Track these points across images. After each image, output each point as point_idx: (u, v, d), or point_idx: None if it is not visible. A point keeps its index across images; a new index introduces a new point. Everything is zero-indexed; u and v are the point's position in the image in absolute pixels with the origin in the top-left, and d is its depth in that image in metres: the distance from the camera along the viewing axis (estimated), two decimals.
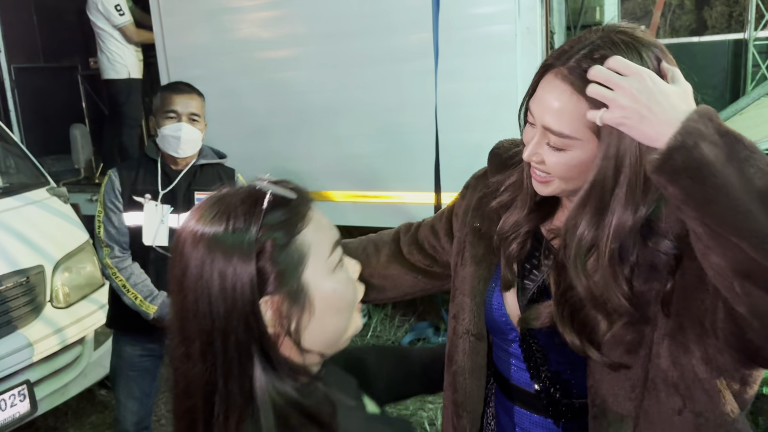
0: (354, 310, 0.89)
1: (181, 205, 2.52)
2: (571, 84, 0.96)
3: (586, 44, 0.96)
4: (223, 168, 2.68)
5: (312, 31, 4.07)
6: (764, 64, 7.44)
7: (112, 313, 2.65)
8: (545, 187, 1.06)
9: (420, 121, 3.66)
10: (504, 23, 3.51)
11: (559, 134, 0.98)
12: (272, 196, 0.82)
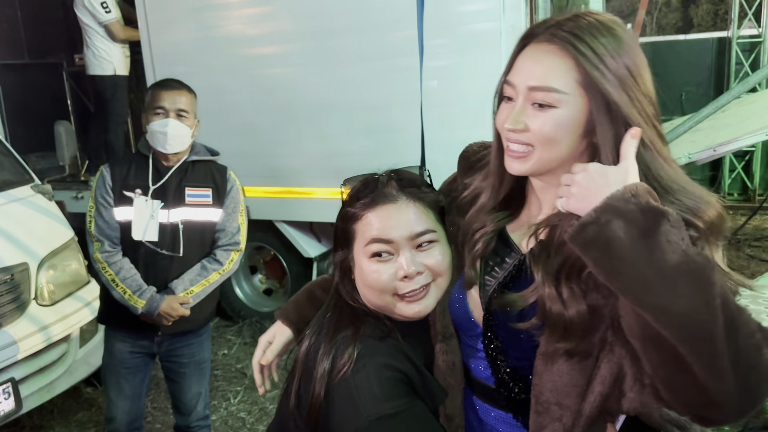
0: (387, 295, 1.15)
1: (172, 200, 2.53)
2: (556, 43, 1.00)
3: (563, 15, 1.03)
4: (215, 165, 2.68)
5: (298, 28, 4.07)
6: (747, 62, 7.51)
7: (103, 309, 2.66)
8: (522, 164, 1.06)
9: (406, 119, 3.66)
10: (489, 21, 3.53)
11: (548, 89, 1.00)
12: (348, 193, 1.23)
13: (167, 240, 2.53)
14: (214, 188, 2.60)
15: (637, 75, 1.00)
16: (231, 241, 2.64)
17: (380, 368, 1.09)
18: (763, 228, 6.79)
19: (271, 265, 5.03)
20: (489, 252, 1.18)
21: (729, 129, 3.68)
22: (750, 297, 2.98)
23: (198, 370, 2.72)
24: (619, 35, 1.01)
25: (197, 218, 2.57)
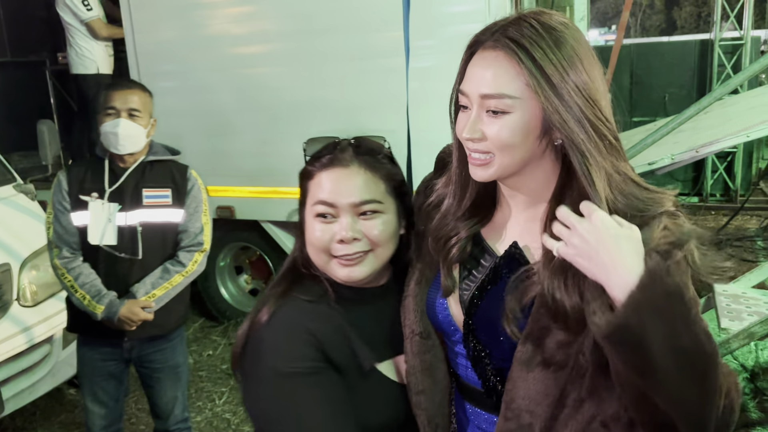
0: (324, 254, 1.18)
1: (129, 203, 2.48)
2: (501, 49, 1.00)
3: (508, 19, 1.03)
4: (175, 164, 2.61)
5: (283, 27, 4.06)
6: (729, 64, 7.60)
7: (70, 317, 2.60)
8: (485, 170, 1.06)
9: (392, 119, 3.66)
10: (474, 22, 3.53)
11: (500, 95, 1.00)
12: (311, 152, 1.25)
13: (126, 243, 2.47)
14: (173, 188, 2.54)
15: (585, 78, 0.99)
16: (194, 242, 2.57)
17: (291, 326, 1.14)
18: (745, 228, 6.87)
19: (257, 265, 5.02)
20: (465, 257, 1.18)
21: (711, 130, 3.71)
22: (731, 297, 3.02)
23: (172, 375, 2.67)
24: (563, 35, 1.00)
25: (156, 220, 2.51)
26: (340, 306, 1.21)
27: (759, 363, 3.90)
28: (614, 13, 37.16)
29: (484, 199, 1.19)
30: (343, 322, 1.19)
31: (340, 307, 1.20)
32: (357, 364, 1.17)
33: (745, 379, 3.74)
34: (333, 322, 1.18)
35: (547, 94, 0.97)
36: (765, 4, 17.68)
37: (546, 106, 0.98)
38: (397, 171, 1.27)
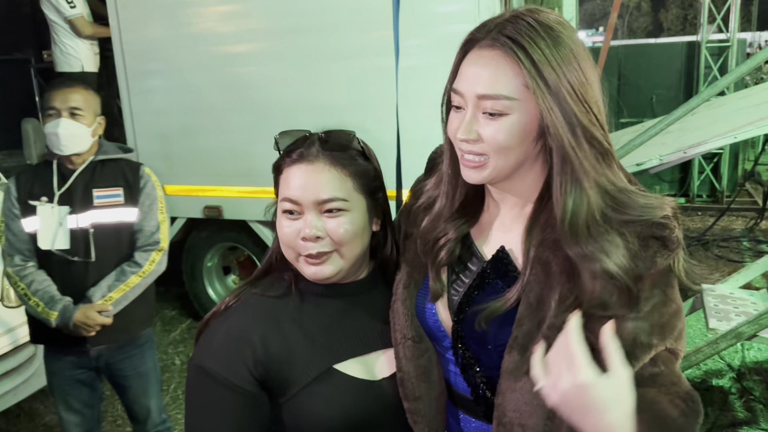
0: (292, 251, 1.17)
1: (79, 205, 2.40)
2: (499, 48, 0.97)
3: (504, 17, 1.00)
4: (127, 163, 2.53)
5: (272, 26, 4.04)
6: (716, 66, 7.65)
7: (32, 328, 2.52)
8: (479, 173, 1.03)
9: (381, 119, 3.66)
10: (464, 23, 3.54)
11: (498, 96, 0.97)
12: (283, 146, 1.23)
13: (79, 246, 2.39)
14: (125, 187, 2.46)
15: (582, 79, 0.97)
16: (150, 241, 2.50)
17: (231, 328, 1.16)
18: (731, 229, 6.92)
19: (245, 265, 4.99)
20: (454, 260, 1.16)
21: (699, 131, 3.73)
22: (719, 297, 3.04)
23: (143, 381, 2.61)
24: (560, 35, 0.97)
25: (109, 220, 2.43)
26: (309, 301, 1.21)
27: (745, 363, 3.93)
28: (602, 15, 37.40)
29: (473, 199, 1.17)
30: (302, 324, 1.18)
31: (307, 303, 1.20)
32: (304, 368, 1.15)
33: (731, 378, 3.77)
34: (284, 323, 1.17)
35: (544, 96, 0.95)
36: (750, 8, 17.89)
37: (543, 108, 0.95)
38: (368, 166, 1.23)
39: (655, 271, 0.95)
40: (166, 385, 4.06)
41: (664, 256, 0.95)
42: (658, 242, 0.95)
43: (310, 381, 1.14)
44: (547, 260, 1.02)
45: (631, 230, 0.95)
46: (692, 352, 2.62)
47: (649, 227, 0.95)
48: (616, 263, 0.93)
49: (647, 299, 0.96)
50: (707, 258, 6.05)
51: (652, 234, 0.95)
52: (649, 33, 38.54)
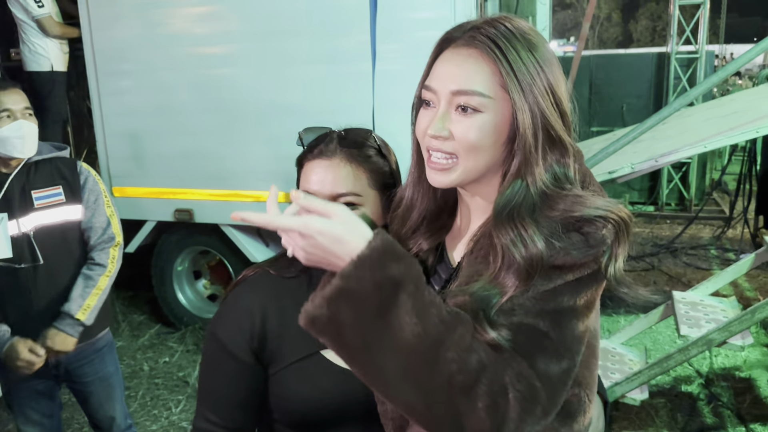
0: None
1: (18, 209, 2.27)
2: (477, 47, 0.98)
3: (479, 20, 1.01)
4: (62, 160, 2.41)
5: (248, 28, 4.01)
6: (684, 77, 7.79)
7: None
8: (447, 176, 1.02)
9: (357, 123, 3.65)
10: (440, 29, 3.54)
11: (472, 92, 0.97)
12: (306, 141, 1.30)
13: (25, 252, 2.27)
14: (64, 184, 2.35)
15: (552, 80, 0.99)
16: (104, 237, 2.41)
17: (238, 300, 1.28)
18: (699, 237, 7.04)
19: (216, 269, 4.92)
20: (429, 270, 1.15)
21: (669, 141, 3.79)
22: (690, 304, 3.08)
23: (105, 386, 2.53)
24: (535, 41, 0.99)
25: (53, 221, 2.32)
26: (316, 286, 1.23)
27: (713, 369, 3.99)
28: (573, 25, 37.95)
29: (444, 207, 1.16)
30: (297, 304, 1.20)
31: (314, 287, 1.21)
32: (293, 347, 1.24)
33: (700, 384, 3.82)
34: (285, 302, 1.26)
35: (519, 96, 0.96)
36: (718, 21, 18.35)
37: (516, 108, 0.96)
38: (383, 164, 1.28)
39: (571, 264, 0.93)
40: (134, 391, 3.98)
41: (581, 251, 0.93)
42: (580, 236, 0.94)
43: (295, 360, 1.23)
44: (480, 249, 1.03)
45: (558, 223, 0.95)
46: (663, 359, 2.65)
47: (577, 221, 0.95)
48: (534, 249, 0.93)
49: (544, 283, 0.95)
50: (676, 265, 6.14)
51: (577, 228, 0.94)
52: (619, 43, 39.25)
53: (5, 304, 2.30)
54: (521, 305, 0.94)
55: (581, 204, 0.97)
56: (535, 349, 0.92)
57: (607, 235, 0.94)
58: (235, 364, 1.25)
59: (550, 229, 0.95)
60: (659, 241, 6.89)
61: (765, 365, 4.04)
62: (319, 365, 1.23)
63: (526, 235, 0.94)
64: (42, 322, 2.29)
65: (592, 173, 1.09)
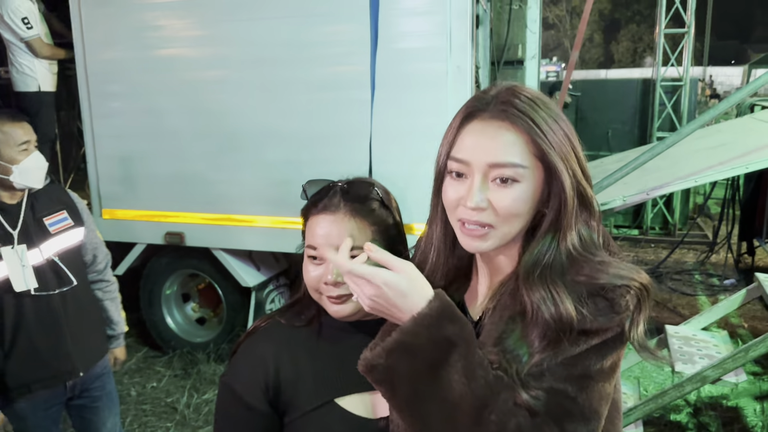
0: (316, 292, 1.28)
1: (36, 238, 2.30)
2: (506, 119, 1.01)
3: (499, 90, 1.05)
4: (54, 187, 2.47)
5: (242, 54, 4.01)
6: (669, 103, 7.92)
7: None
8: (482, 242, 1.04)
9: (352, 151, 3.67)
10: (436, 61, 3.59)
11: (512, 164, 1.00)
12: (310, 194, 1.32)
13: (51, 278, 2.33)
14: (66, 208, 2.43)
15: (575, 142, 1.04)
16: (105, 254, 2.64)
17: (253, 351, 1.30)
18: (683, 261, 7.12)
19: (205, 293, 4.89)
20: None
21: (659, 172, 3.84)
22: (683, 339, 3.11)
23: (109, 402, 2.63)
24: (553, 107, 1.04)
25: (70, 243, 2.42)
26: (327, 334, 1.31)
27: (701, 398, 4.02)
28: (555, 45, 38.49)
29: (463, 262, 1.19)
30: (310, 353, 1.28)
31: (326, 336, 1.30)
32: (308, 396, 1.25)
33: (688, 414, 3.86)
34: (298, 351, 1.28)
35: (557, 160, 1.00)
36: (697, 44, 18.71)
37: (557, 171, 1.00)
38: (387, 216, 1.31)
39: (597, 329, 0.97)
40: (122, 417, 3.92)
41: (608, 317, 0.97)
42: (605, 302, 0.98)
43: (310, 409, 1.24)
44: (504, 306, 1.06)
45: (584, 288, 0.99)
46: (658, 395, 2.67)
47: (601, 288, 0.99)
48: (564, 310, 0.97)
49: (573, 347, 0.99)
50: (661, 290, 6.20)
51: (602, 294, 0.98)
52: (600, 64, 39.83)
53: (37, 334, 2.31)
54: (551, 369, 0.97)
55: (605, 272, 1.00)
56: (564, 414, 0.97)
57: (630, 301, 0.98)
58: (251, 414, 1.25)
59: (576, 293, 0.99)
60: (644, 266, 6.95)
61: (752, 394, 4.09)
62: (335, 414, 1.24)
63: (556, 296, 0.98)
64: (75, 342, 2.40)
65: (608, 233, 1.13)
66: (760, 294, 3.34)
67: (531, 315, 1.00)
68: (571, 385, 0.97)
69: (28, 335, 2.30)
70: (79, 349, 2.42)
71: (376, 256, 0.99)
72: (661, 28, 7.99)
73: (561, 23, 37.47)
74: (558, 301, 0.97)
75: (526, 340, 1.00)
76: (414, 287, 0.96)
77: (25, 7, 4.54)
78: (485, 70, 4.56)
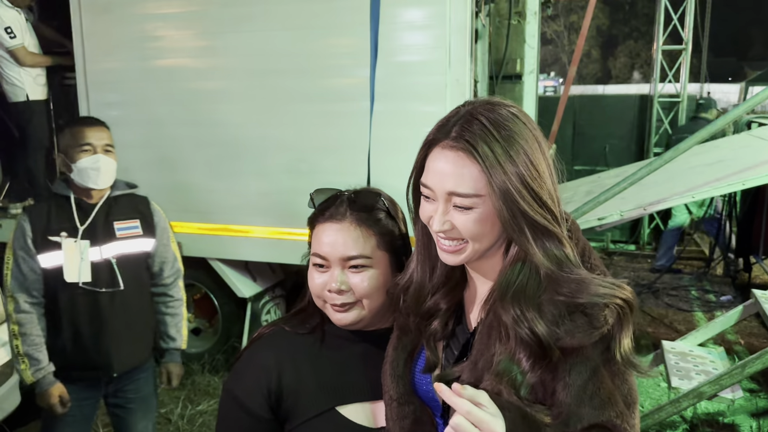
0: (320, 300, 1.30)
1: (101, 238, 2.48)
2: (461, 150, 1.03)
3: (461, 115, 1.06)
4: (136, 197, 2.68)
5: (241, 66, 4.03)
6: (666, 119, 7.97)
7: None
8: (457, 256, 1.09)
9: (351, 162, 3.68)
10: (435, 74, 3.60)
11: (465, 195, 1.03)
12: (318, 202, 1.35)
13: (104, 277, 2.48)
14: (141, 218, 2.61)
15: (536, 164, 1.03)
16: (174, 271, 2.72)
17: (256, 358, 1.31)
18: (680, 277, 7.13)
19: (201, 303, 4.87)
20: (448, 333, 1.20)
21: (656, 188, 3.86)
22: (679, 355, 3.11)
23: (144, 405, 2.72)
24: (512, 134, 1.03)
25: (131, 251, 2.56)
26: (331, 342, 1.32)
27: (698, 415, 4.01)
28: (553, 60, 38.70)
29: (454, 269, 1.21)
30: (312, 361, 1.29)
31: (329, 344, 1.32)
32: (309, 403, 1.25)
33: (684, 430, 3.84)
34: (300, 358, 1.29)
35: (496, 199, 1.02)
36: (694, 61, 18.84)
37: (495, 209, 1.03)
38: (392, 226, 1.33)
39: (578, 345, 1.00)
40: None
41: (586, 333, 0.99)
42: (584, 318, 1.00)
43: (311, 417, 1.24)
44: (490, 324, 1.09)
45: (563, 306, 1.02)
46: (655, 410, 2.67)
47: (581, 305, 1.01)
48: (537, 329, 1.00)
49: (579, 372, 1.02)
50: (658, 306, 6.20)
51: (581, 310, 1.01)
52: (598, 79, 40.03)
53: (81, 325, 2.47)
54: (579, 415, 1.02)
55: (585, 290, 1.02)
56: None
57: (610, 316, 1.01)
58: (252, 421, 1.26)
59: (554, 312, 1.02)
60: (641, 281, 6.97)
61: (749, 411, 4.08)
62: (335, 421, 1.24)
63: (529, 316, 1.02)
64: (114, 342, 2.51)
65: (590, 245, 1.15)
66: (756, 310, 3.34)
67: (513, 335, 1.03)
68: (610, 410, 1.01)
69: (74, 324, 2.46)
70: (117, 350, 2.52)
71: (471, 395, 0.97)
72: (659, 44, 8.05)
73: (559, 38, 37.67)
74: (530, 321, 1.01)
75: (515, 360, 1.03)
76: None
77: (9, 17, 4.54)
78: (483, 83, 4.59)
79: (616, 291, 1.02)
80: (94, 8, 4.27)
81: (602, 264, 1.13)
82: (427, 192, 1.09)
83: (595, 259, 1.12)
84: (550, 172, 1.07)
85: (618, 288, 1.03)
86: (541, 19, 6.01)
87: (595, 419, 1.01)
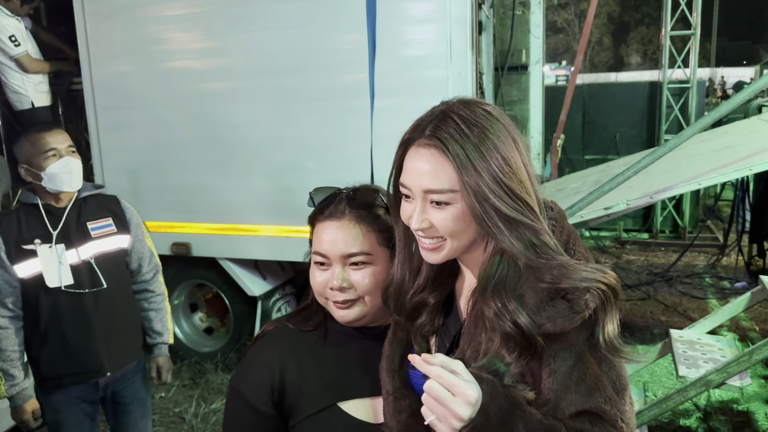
0: (322, 297, 1.31)
1: (76, 239, 2.47)
2: (434, 147, 1.05)
3: (435, 114, 1.08)
4: (104, 196, 2.66)
5: (247, 65, 4.04)
6: (677, 106, 7.88)
7: (37, 371, 2.53)
8: (437, 254, 1.11)
9: (357, 158, 3.68)
10: (437, 68, 3.60)
11: (440, 191, 1.05)
12: (317, 201, 1.36)
13: (86, 278, 2.48)
14: (113, 216, 2.60)
15: (509, 159, 1.05)
16: (152, 266, 2.73)
17: (260, 356, 1.33)
18: (694, 265, 7.07)
19: (213, 303, 4.91)
20: (438, 327, 1.21)
21: (664, 176, 3.83)
22: (687, 343, 3.09)
23: (141, 406, 2.73)
24: (485, 132, 1.04)
25: (108, 249, 2.56)
26: (333, 339, 1.34)
27: (711, 403, 3.99)
28: (564, 49, 38.38)
29: (446, 263, 1.20)
30: (315, 357, 1.31)
31: (331, 341, 1.33)
32: (311, 399, 1.27)
33: (698, 419, 3.82)
34: (303, 355, 1.31)
35: (468, 196, 1.03)
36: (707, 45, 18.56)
37: (468, 206, 1.04)
38: (391, 221, 1.32)
39: (561, 331, 1.01)
40: None
41: (568, 318, 1.00)
42: (565, 303, 1.01)
43: (313, 412, 1.26)
44: (477, 314, 1.11)
45: (546, 292, 1.03)
46: (662, 399, 2.65)
47: (563, 290, 1.02)
48: (519, 320, 1.02)
49: (564, 359, 1.03)
50: (671, 294, 6.16)
51: (562, 295, 1.02)
52: (610, 67, 39.67)
53: (69, 328, 2.46)
54: (567, 401, 1.03)
55: (567, 276, 1.03)
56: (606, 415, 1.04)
57: (591, 300, 1.01)
58: (257, 417, 1.28)
59: (536, 299, 1.03)
60: (654, 269, 6.92)
61: (763, 398, 4.05)
62: (337, 417, 1.26)
63: (511, 307, 1.03)
64: (104, 341, 2.51)
65: (576, 233, 1.16)
66: (765, 296, 3.31)
67: (493, 327, 1.05)
68: (595, 397, 1.03)
69: (60, 329, 2.45)
70: (108, 349, 2.52)
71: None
72: (667, 30, 7.96)
73: (570, 27, 37.37)
74: (512, 314, 1.02)
75: (497, 354, 1.05)
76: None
77: (11, 25, 4.58)
78: (489, 75, 4.58)
79: (598, 275, 1.03)
80: (97, 13, 4.31)
81: (587, 251, 1.14)
82: (406, 191, 1.11)
83: (579, 247, 1.13)
84: (526, 166, 1.08)
85: (601, 273, 1.03)
86: (551, 7, 5.97)
87: (582, 405, 1.02)
